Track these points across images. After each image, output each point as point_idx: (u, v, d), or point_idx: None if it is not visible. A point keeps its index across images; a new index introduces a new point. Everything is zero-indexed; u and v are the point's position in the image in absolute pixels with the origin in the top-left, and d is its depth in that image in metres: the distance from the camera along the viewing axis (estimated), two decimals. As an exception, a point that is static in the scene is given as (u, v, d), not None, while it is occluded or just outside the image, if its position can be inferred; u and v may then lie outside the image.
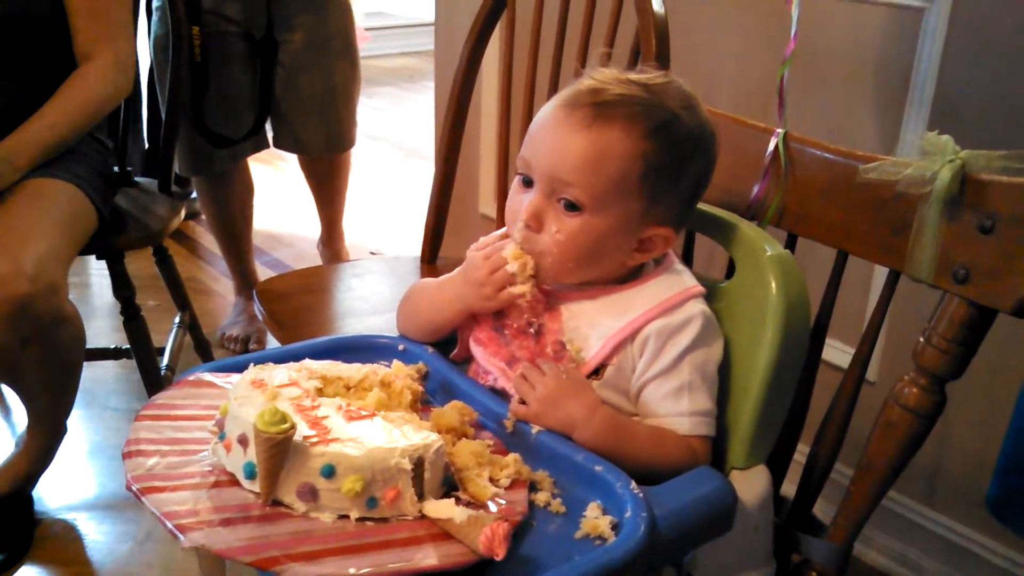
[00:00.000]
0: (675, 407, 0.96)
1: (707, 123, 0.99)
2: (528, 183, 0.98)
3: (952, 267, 0.94)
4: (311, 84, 2.31)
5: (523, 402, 0.96)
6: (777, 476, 1.06)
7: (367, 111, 2.83)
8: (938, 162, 0.93)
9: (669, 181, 0.96)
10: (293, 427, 0.79)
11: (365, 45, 2.45)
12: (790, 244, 1.11)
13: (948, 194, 0.92)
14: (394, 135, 4.25)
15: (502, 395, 1.00)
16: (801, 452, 1.10)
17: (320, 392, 0.91)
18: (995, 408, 1.54)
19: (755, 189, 1.12)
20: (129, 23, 1.81)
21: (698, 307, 0.98)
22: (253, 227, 2.56)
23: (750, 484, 0.98)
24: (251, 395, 0.86)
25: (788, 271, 0.99)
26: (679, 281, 1.00)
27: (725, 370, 1.00)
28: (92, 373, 1.93)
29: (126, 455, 0.84)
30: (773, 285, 0.98)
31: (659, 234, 0.98)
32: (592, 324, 0.99)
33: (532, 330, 1.00)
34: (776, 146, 1.10)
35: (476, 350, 1.04)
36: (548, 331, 1.00)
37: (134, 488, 0.80)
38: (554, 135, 0.95)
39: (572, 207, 0.95)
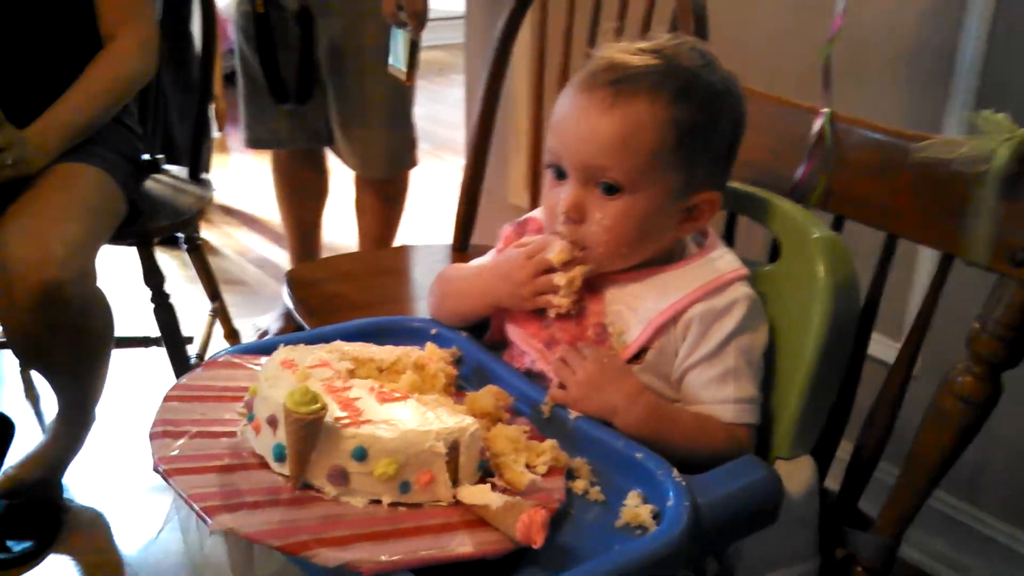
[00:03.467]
0: (719, 393, 0.93)
1: (729, 75, 0.95)
2: (560, 175, 0.96)
3: (1010, 250, 0.90)
4: (354, 78, 2.13)
5: (562, 386, 0.93)
6: (821, 469, 1.03)
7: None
8: (995, 140, 0.89)
9: (704, 143, 0.93)
10: (324, 408, 0.76)
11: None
12: (836, 227, 1.08)
13: (1006, 173, 0.89)
14: (424, 128, 4.22)
15: (539, 378, 0.97)
16: (843, 449, 1.07)
17: (352, 374, 0.89)
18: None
19: (799, 170, 1.08)
20: (151, 4, 1.80)
21: (743, 289, 0.95)
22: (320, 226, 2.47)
23: (796, 475, 0.95)
24: (281, 375, 0.83)
25: (837, 254, 0.96)
26: (723, 263, 0.97)
27: (770, 356, 0.97)
28: (121, 361, 1.91)
29: (153, 436, 0.82)
30: (821, 268, 0.95)
31: (705, 199, 0.95)
32: (634, 307, 0.96)
33: (573, 311, 0.97)
34: (822, 126, 1.06)
35: (513, 331, 1.01)
36: (590, 313, 0.97)
37: (160, 469, 0.78)
38: (579, 122, 0.93)
39: (611, 190, 0.92)
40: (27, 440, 1.87)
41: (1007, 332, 0.91)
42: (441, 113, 4.48)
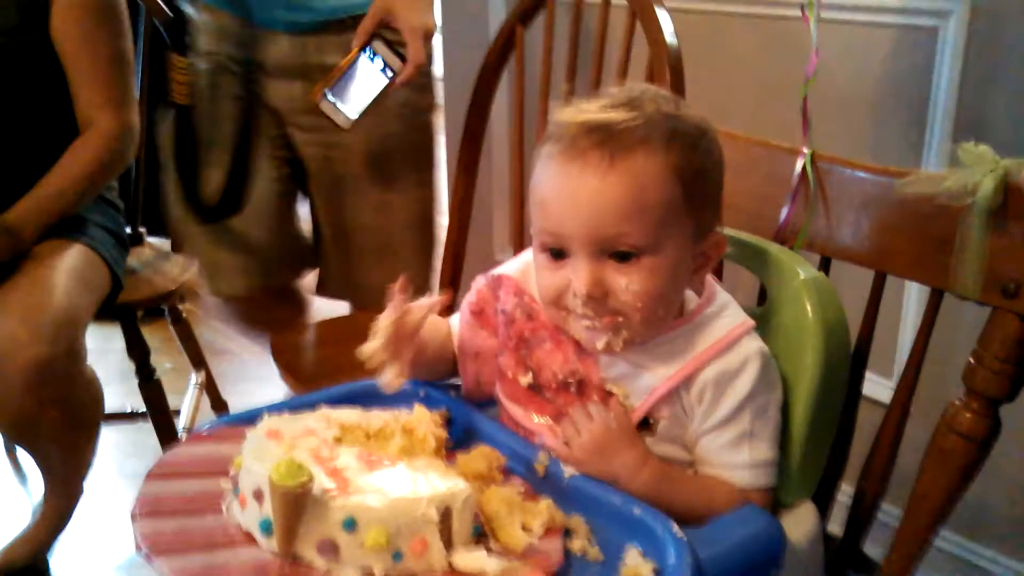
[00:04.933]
0: (734, 458, 0.90)
1: (699, 113, 0.91)
2: (558, 255, 0.89)
3: (1001, 282, 0.89)
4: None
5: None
6: (822, 513, 1.00)
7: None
8: (979, 172, 0.89)
9: (702, 185, 0.89)
10: (311, 479, 0.74)
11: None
12: (823, 267, 1.07)
13: (992, 205, 0.88)
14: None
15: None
16: (844, 493, 1.05)
17: (339, 441, 0.87)
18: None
19: (783, 212, 1.07)
20: (131, 87, 1.79)
21: (754, 344, 0.90)
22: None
23: (798, 521, 0.93)
24: (266, 446, 0.81)
25: (824, 295, 0.95)
26: (729, 316, 0.92)
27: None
28: (107, 437, 1.88)
29: (135, 516, 0.80)
30: (809, 310, 0.94)
31: (711, 241, 0.91)
32: (636, 366, 0.91)
33: (572, 384, 0.93)
34: (803, 167, 1.06)
35: (513, 408, 0.97)
36: (588, 382, 0.93)
37: (144, 551, 0.75)
38: (577, 193, 0.85)
39: (627, 256, 0.86)
40: (11, 518, 1.82)
41: (1004, 366, 0.90)
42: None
